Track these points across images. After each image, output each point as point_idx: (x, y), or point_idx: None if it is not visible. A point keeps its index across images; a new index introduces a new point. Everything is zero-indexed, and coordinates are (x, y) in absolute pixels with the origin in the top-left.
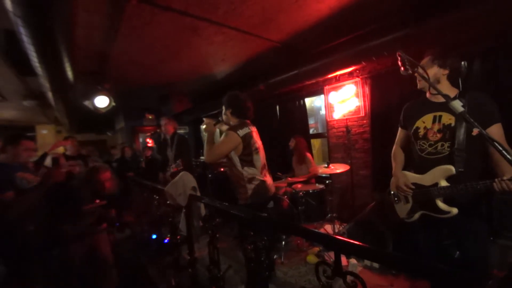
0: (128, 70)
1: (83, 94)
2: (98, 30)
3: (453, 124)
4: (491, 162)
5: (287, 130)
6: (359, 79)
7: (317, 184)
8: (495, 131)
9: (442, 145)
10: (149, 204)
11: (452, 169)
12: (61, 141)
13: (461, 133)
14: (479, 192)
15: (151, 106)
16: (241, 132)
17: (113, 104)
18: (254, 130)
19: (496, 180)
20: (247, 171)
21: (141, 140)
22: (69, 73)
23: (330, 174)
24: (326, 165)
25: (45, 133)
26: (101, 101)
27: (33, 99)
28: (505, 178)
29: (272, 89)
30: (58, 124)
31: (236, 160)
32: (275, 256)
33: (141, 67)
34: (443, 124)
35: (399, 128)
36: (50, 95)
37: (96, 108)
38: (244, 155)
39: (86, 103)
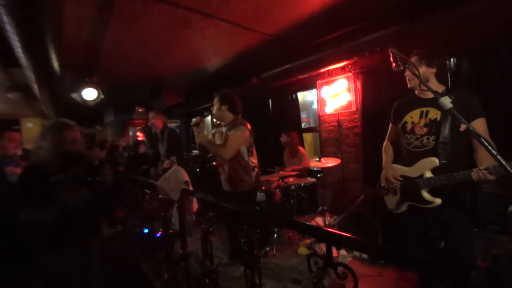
0: (118, 64)
1: (70, 86)
2: (86, 23)
3: (438, 119)
4: (474, 155)
5: (280, 124)
6: (351, 74)
7: (308, 178)
8: (479, 125)
9: (428, 139)
10: (140, 199)
11: (436, 161)
12: None
13: (446, 128)
14: (460, 182)
15: (142, 99)
16: (248, 127)
17: (102, 96)
18: None
19: (473, 170)
20: (252, 161)
21: (131, 134)
22: (56, 65)
23: (322, 168)
24: (317, 159)
25: (31, 127)
26: (89, 94)
27: (17, 92)
28: (481, 167)
29: (265, 83)
30: (44, 117)
31: (245, 151)
32: (267, 249)
33: (131, 61)
34: (430, 119)
35: (390, 124)
36: (35, 87)
37: (84, 101)
38: (250, 146)
39: (74, 95)
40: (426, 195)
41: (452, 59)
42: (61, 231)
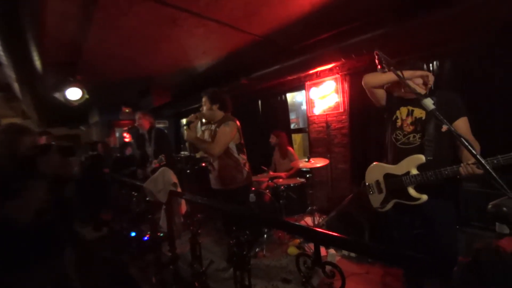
0: (104, 62)
1: (53, 85)
2: (70, 19)
3: (424, 118)
4: (459, 152)
5: (269, 125)
6: (338, 75)
7: (298, 178)
8: (461, 124)
9: (414, 136)
10: (127, 201)
11: (422, 157)
12: None
13: (430, 126)
14: (447, 178)
15: (129, 99)
16: (237, 123)
17: (86, 96)
18: None
19: (462, 164)
20: (242, 157)
21: (117, 134)
22: (38, 63)
23: (311, 168)
24: (306, 160)
25: None
26: (73, 93)
27: None
28: (469, 162)
29: (254, 84)
30: (25, 118)
31: (234, 148)
32: (257, 249)
33: (117, 59)
34: (415, 118)
35: None
36: (16, 86)
37: (67, 101)
38: (240, 143)
39: (57, 95)
40: (412, 192)
41: (435, 61)
42: (26, 246)
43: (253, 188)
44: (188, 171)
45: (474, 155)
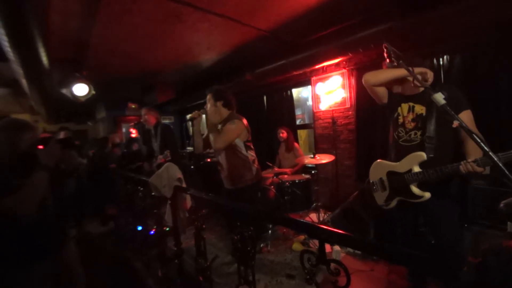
0: (109, 59)
1: (60, 81)
2: (74, 16)
3: (424, 114)
4: (463, 147)
5: (274, 121)
6: (345, 70)
7: (303, 174)
8: (466, 117)
9: (415, 133)
10: (133, 196)
11: (423, 155)
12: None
13: (431, 122)
14: (449, 175)
15: (135, 95)
16: (244, 121)
17: (93, 92)
18: None
19: (462, 162)
20: (251, 154)
21: (124, 130)
22: (44, 60)
23: (316, 165)
24: (312, 156)
25: None
26: (80, 89)
27: (5, 87)
28: (469, 160)
29: (259, 79)
30: (33, 114)
31: (242, 145)
32: (261, 245)
33: (122, 56)
34: (416, 114)
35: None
36: (24, 82)
37: (74, 97)
38: (248, 141)
39: (64, 91)
40: (415, 189)
41: (445, 56)
42: (28, 241)
43: None
44: (192, 167)
45: (486, 152)
